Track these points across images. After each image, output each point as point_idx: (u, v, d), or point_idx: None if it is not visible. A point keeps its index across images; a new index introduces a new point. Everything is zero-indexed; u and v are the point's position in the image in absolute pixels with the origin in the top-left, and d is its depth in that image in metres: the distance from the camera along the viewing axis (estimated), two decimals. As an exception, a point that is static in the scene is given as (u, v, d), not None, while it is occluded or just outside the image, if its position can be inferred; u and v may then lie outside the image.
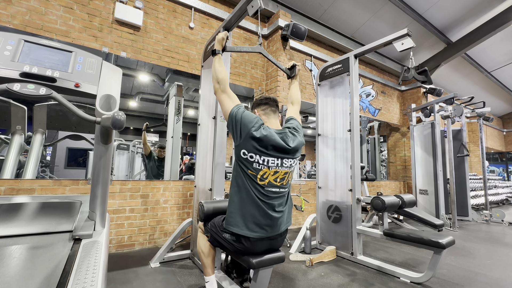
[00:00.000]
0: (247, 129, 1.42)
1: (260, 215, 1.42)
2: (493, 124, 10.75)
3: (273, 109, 1.65)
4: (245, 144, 1.43)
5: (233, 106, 1.51)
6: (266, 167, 1.43)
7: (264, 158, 1.42)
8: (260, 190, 1.43)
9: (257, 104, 1.68)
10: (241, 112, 1.48)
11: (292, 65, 2.00)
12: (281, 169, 1.48)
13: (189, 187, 3.31)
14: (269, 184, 1.44)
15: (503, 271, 2.51)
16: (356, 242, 2.68)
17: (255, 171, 1.43)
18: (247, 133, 1.41)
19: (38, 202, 1.51)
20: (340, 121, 3.04)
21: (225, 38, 1.79)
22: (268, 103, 1.65)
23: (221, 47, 1.78)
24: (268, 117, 1.63)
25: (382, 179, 7.93)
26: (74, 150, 8.15)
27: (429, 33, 5.63)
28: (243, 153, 1.43)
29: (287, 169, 1.51)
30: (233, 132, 1.47)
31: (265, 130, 1.44)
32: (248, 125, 1.42)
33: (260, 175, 1.43)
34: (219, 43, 1.77)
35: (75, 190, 2.60)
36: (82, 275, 0.88)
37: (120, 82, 1.28)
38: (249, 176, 1.43)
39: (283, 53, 4.10)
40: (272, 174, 1.45)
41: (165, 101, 7.07)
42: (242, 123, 1.44)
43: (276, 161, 1.46)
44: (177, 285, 2.04)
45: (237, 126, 1.45)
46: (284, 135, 1.51)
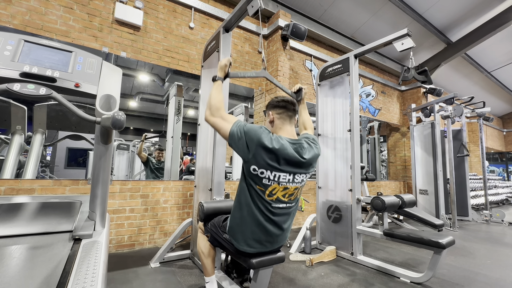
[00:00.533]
0: (255, 140, 1.28)
1: (261, 232, 1.37)
2: (493, 124, 10.74)
3: (290, 114, 1.48)
4: (256, 159, 1.29)
5: (231, 126, 1.35)
6: (276, 183, 1.33)
7: (275, 174, 1.31)
8: (266, 206, 1.34)
9: (273, 106, 1.50)
10: (242, 126, 1.33)
11: (298, 88, 1.82)
12: (291, 185, 1.37)
13: (189, 187, 3.31)
14: (277, 200, 1.35)
15: (503, 271, 2.51)
16: (356, 242, 2.68)
17: (263, 187, 1.33)
18: (256, 144, 1.28)
19: (38, 202, 1.51)
20: (340, 121, 3.04)
21: (228, 64, 1.64)
22: (286, 107, 1.47)
23: (223, 74, 1.63)
24: (283, 123, 1.47)
25: (382, 179, 7.94)
26: (74, 150, 8.15)
27: (429, 33, 5.63)
28: (253, 169, 1.31)
29: (298, 185, 1.41)
30: (239, 150, 1.33)
31: (277, 141, 1.31)
32: (254, 137, 1.29)
33: (269, 191, 1.33)
34: (222, 69, 1.62)
35: (75, 190, 2.60)
36: (82, 275, 0.88)
37: (120, 82, 1.28)
38: (256, 191, 1.33)
39: (283, 53, 4.10)
40: (282, 190, 1.35)
41: (165, 101, 7.08)
42: (247, 137, 1.30)
43: (288, 177, 1.35)
44: (177, 285, 2.04)
45: (242, 142, 1.31)
46: (299, 146, 1.38)
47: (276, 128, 1.48)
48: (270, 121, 1.50)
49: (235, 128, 1.33)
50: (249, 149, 1.30)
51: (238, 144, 1.32)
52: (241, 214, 1.38)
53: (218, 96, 1.50)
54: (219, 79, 1.59)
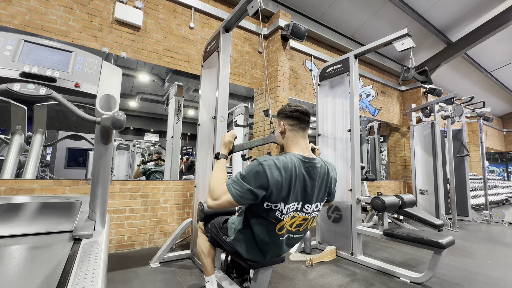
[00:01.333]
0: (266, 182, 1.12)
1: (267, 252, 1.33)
2: (493, 124, 10.75)
3: (303, 126, 1.31)
4: (270, 197, 1.16)
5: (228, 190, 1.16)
6: (287, 216, 1.22)
7: (288, 206, 1.19)
8: (274, 240, 1.27)
9: (285, 116, 1.32)
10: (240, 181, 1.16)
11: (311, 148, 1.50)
12: (299, 214, 1.25)
13: (189, 187, 3.31)
14: (286, 231, 1.28)
15: (503, 271, 2.51)
16: (356, 242, 2.68)
17: (276, 220, 1.21)
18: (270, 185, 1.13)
19: (38, 202, 1.51)
20: (340, 121, 3.04)
21: (232, 140, 1.47)
22: (299, 118, 1.29)
23: (227, 151, 1.46)
24: (295, 135, 1.30)
25: (382, 179, 7.94)
26: (74, 150, 8.16)
27: (429, 33, 5.63)
28: (267, 205, 1.18)
29: (307, 215, 1.28)
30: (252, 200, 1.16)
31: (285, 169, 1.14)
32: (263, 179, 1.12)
33: (280, 225, 1.23)
34: (226, 146, 1.45)
35: (75, 190, 2.60)
36: (82, 275, 0.88)
37: (120, 82, 1.28)
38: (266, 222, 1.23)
39: (283, 53, 4.10)
40: (289, 219, 1.24)
41: (165, 101, 7.09)
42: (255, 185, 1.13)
43: (296, 205, 1.22)
44: (177, 285, 2.04)
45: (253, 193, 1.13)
46: (311, 166, 1.21)
47: (287, 141, 1.32)
48: (281, 131, 1.34)
49: (233, 191, 1.15)
50: (261, 194, 1.14)
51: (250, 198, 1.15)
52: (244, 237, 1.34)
53: (220, 176, 1.29)
54: (223, 157, 1.42)
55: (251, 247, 1.34)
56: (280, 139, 1.37)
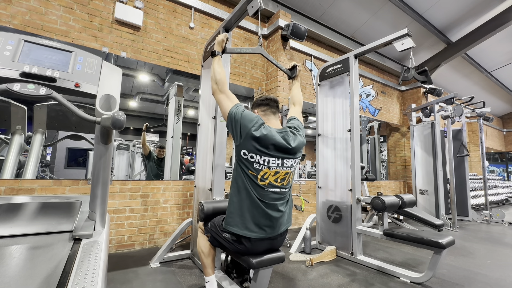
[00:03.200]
0: (247, 129, 1.40)
1: (259, 216, 1.41)
2: (493, 124, 10.75)
3: (273, 110, 1.63)
4: (245, 144, 1.41)
5: (231, 106, 1.49)
6: (267, 167, 1.42)
7: (264, 158, 1.41)
8: (260, 191, 1.41)
9: (257, 104, 1.65)
10: (240, 111, 1.46)
11: (292, 65, 1.97)
12: (282, 169, 1.46)
13: (189, 187, 3.31)
14: (270, 184, 1.43)
15: (503, 271, 2.51)
16: (356, 242, 2.68)
17: (255, 172, 1.41)
18: (247, 133, 1.39)
19: (38, 202, 1.51)
20: (340, 121, 3.04)
21: (225, 40, 1.77)
22: (268, 104, 1.62)
23: (221, 48, 1.76)
24: (268, 118, 1.60)
25: (382, 179, 7.93)
26: (74, 150, 8.15)
27: (429, 33, 5.63)
28: (244, 153, 1.41)
29: (288, 169, 1.49)
30: (233, 132, 1.45)
31: (266, 129, 1.42)
32: (248, 125, 1.41)
33: (261, 175, 1.41)
34: (219, 44, 1.76)
35: (75, 190, 2.60)
36: (82, 275, 0.88)
37: (120, 82, 1.28)
38: (249, 177, 1.42)
39: (283, 53, 4.10)
40: (273, 174, 1.43)
41: (165, 101, 7.08)
42: (242, 123, 1.42)
43: (277, 161, 1.44)
44: (177, 285, 2.04)
45: (237, 126, 1.43)
46: (285, 134, 1.49)
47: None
48: None
49: (234, 110, 1.47)
50: (241, 134, 1.41)
51: (233, 125, 1.44)
52: (239, 197, 1.43)
53: (222, 70, 1.61)
54: (218, 54, 1.70)
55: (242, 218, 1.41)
56: None
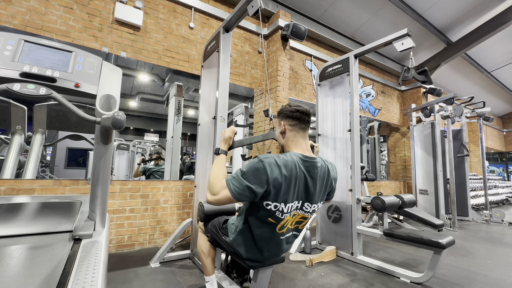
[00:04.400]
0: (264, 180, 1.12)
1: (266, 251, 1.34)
2: (493, 124, 10.75)
3: (304, 126, 1.30)
4: (269, 196, 1.15)
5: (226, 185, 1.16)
6: (289, 215, 1.22)
7: (289, 205, 1.19)
8: (274, 239, 1.28)
9: (286, 115, 1.31)
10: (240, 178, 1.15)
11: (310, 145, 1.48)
12: (299, 212, 1.26)
13: (189, 187, 3.31)
14: (287, 230, 1.29)
15: (503, 271, 2.51)
16: (356, 242, 2.68)
17: (276, 221, 1.21)
18: (269, 183, 1.12)
19: (38, 202, 1.51)
20: (340, 121, 3.04)
21: (232, 136, 1.47)
22: (300, 118, 1.29)
23: (227, 146, 1.45)
24: (295, 135, 1.29)
25: (382, 179, 7.93)
26: (74, 150, 8.16)
27: (429, 33, 5.62)
28: (266, 204, 1.17)
29: (307, 214, 1.30)
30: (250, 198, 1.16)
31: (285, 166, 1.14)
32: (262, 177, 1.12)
33: (281, 224, 1.23)
34: (226, 142, 1.45)
35: (75, 190, 2.60)
36: (82, 275, 0.88)
37: (120, 82, 1.28)
38: (266, 224, 1.23)
39: (283, 53, 4.10)
40: (291, 218, 1.26)
41: (165, 101, 7.08)
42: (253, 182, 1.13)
43: (297, 204, 1.22)
44: (177, 285, 2.04)
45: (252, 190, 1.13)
46: (311, 166, 1.21)
47: (287, 141, 1.32)
48: (282, 131, 1.34)
49: (232, 188, 1.14)
50: (259, 191, 1.13)
51: (248, 195, 1.14)
52: (244, 237, 1.34)
53: (220, 171, 1.29)
54: (223, 153, 1.41)
55: (251, 247, 1.34)
56: (281, 139, 1.36)
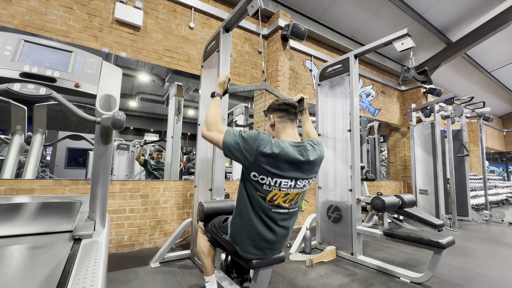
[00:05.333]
0: (253, 149, 1.25)
1: (260, 240, 1.36)
2: (493, 124, 10.72)
3: (291, 117, 1.45)
4: (255, 166, 1.26)
5: (222, 136, 1.32)
6: (277, 189, 1.30)
7: (276, 180, 1.28)
8: (266, 212, 1.33)
9: (274, 109, 1.47)
10: (236, 134, 1.30)
11: (299, 98, 1.74)
12: (293, 190, 1.34)
13: (189, 187, 3.31)
14: (277, 205, 1.33)
15: (503, 271, 2.51)
16: (356, 242, 2.68)
17: (264, 193, 1.30)
18: (256, 153, 1.25)
19: (38, 202, 1.51)
20: (340, 121, 3.04)
21: (226, 81, 1.61)
22: (287, 110, 1.44)
23: (222, 90, 1.60)
24: (285, 126, 1.44)
25: (382, 179, 7.94)
26: (74, 150, 8.16)
27: (429, 33, 5.62)
28: (254, 175, 1.28)
29: (300, 190, 1.38)
30: (237, 158, 1.29)
31: (277, 146, 1.26)
32: (253, 145, 1.25)
33: (270, 197, 1.30)
34: (221, 86, 1.59)
35: (75, 190, 2.60)
36: (82, 275, 0.88)
37: (120, 82, 1.28)
38: (256, 198, 1.31)
39: (283, 53, 4.10)
40: (283, 196, 1.33)
41: (165, 101, 7.08)
42: (243, 146, 1.27)
43: (290, 183, 1.31)
44: (177, 285, 2.04)
45: (239, 150, 1.27)
46: (303, 149, 1.34)
47: (277, 132, 1.45)
48: (271, 124, 1.47)
49: (227, 138, 1.30)
50: (248, 157, 1.26)
51: (234, 153, 1.29)
52: (241, 221, 1.38)
53: (216, 111, 1.45)
54: (218, 96, 1.56)
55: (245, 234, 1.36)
56: (271, 131, 1.48)
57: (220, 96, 1.57)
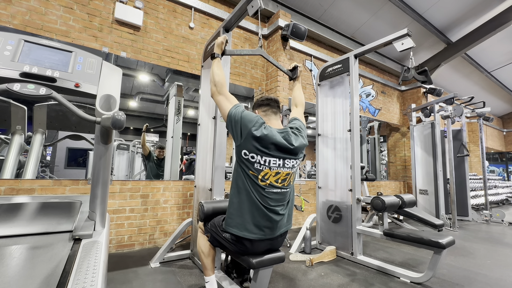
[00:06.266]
0: (247, 129, 1.39)
1: (259, 217, 1.40)
2: (493, 124, 10.74)
3: (274, 110, 1.62)
4: (246, 144, 1.40)
5: (231, 107, 1.49)
6: (268, 168, 1.41)
7: (265, 159, 1.40)
8: (260, 192, 1.41)
9: (258, 105, 1.65)
10: (240, 112, 1.45)
11: (293, 66, 1.95)
12: (283, 170, 1.45)
13: (189, 187, 3.31)
14: (270, 185, 1.42)
15: (503, 271, 2.51)
16: (356, 242, 2.68)
17: (256, 172, 1.40)
18: (247, 133, 1.39)
19: (38, 202, 1.51)
20: (340, 121, 3.04)
21: (224, 42, 1.76)
22: (269, 104, 1.61)
23: (220, 51, 1.75)
24: (269, 118, 1.59)
25: (382, 179, 7.93)
26: (74, 150, 8.15)
27: (429, 33, 5.62)
28: (244, 153, 1.41)
29: (289, 170, 1.48)
30: (233, 132, 1.44)
31: (267, 129, 1.41)
32: (248, 125, 1.40)
33: (261, 176, 1.40)
34: (219, 47, 1.75)
35: (75, 190, 2.60)
36: (82, 275, 0.88)
37: (120, 82, 1.28)
38: (250, 177, 1.41)
39: (283, 53, 4.10)
40: (274, 175, 1.42)
41: (165, 101, 7.07)
42: (242, 123, 1.41)
43: (278, 162, 1.43)
44: (177, 285, 2.04)
45: (237, 126, 1.42)
46: (286, 134, 1.48)
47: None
48: None
49: (233, 110, 1.46)
50: (241, 134, 1.40)
51: (233, 125, 1.44)
52: (239, 198, 1.43)
53: (221, 72, 1.61)
54: (218, 56, 1.70)
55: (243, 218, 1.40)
56: None
57: (220, 56, 1.72)
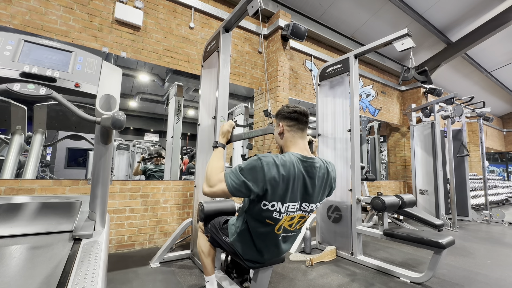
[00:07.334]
0: (261, 179, 1.12)
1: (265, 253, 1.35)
2: (493, 124, 10.74)
3: (302, 126, 1.31)
4: (266, 195, 1.15)
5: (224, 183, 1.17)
6: (286, 215, 1.22)
7: (286, 205, 1.19)
8: (272, 239, 1.29)
9: (284, 116, 1.32)
10: (238, 172, 1.16)
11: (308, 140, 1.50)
12: (298, 213, 1.26)
13: (189, 187, 3.31)
14: (283, 230, 1.28)
15: (503, 271, 2.51)
16: (356, 242, 2.68)
17: (274, 221, 1.21)
18: (266, 181, 1.12)
19: (38, 202, 1.51)
20: (340, 121, 3.04)
21: (230, 130, 1.48)
22: (297, 119, 1.29)
23: (226, 140, 1.47)
24: (294, 136, 1.30)
25: (382, 179, 7.94)
26: (74, 150, 8.16)
27: (429, 33, 5.62)
28: (263, 204, 1.17)
29: (304, 213, 1.29)
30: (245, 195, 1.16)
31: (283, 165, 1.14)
32: (259, 175, 1.12)
33: (279, 225, 1.23)
34: (224, 135, 1.46)
35: (75, 190, 2.60)
36: (82, 275, 0.88)
37: (120, 82, 1.28)
38: (264, 225, 1.24)
39: (283, 53, 4.10)
40: (288, 220, 1.25)
41: (165, 101, 7.09)
42: (250, 179, 1.13)
43: (296, 205, 1.22)
44: (177, 285, 2.04)
45: (247, 186, 1.13)
46: (309, 166, 1.21)
47: (286, 141, 1.32)
48: (280, 132, 1.33)
49: (229, 181, 1.16)
50: (255, 189, 1.13)
51: (242, 191, 1.15)
52: (243, 238, 1.35)
53: (218, 164, 1.30)
54: (221, 146, 1.42)
55: (250, 248, 1.35)
56: (279, 140, 1.36)
57: (223, 146, 1.43)
